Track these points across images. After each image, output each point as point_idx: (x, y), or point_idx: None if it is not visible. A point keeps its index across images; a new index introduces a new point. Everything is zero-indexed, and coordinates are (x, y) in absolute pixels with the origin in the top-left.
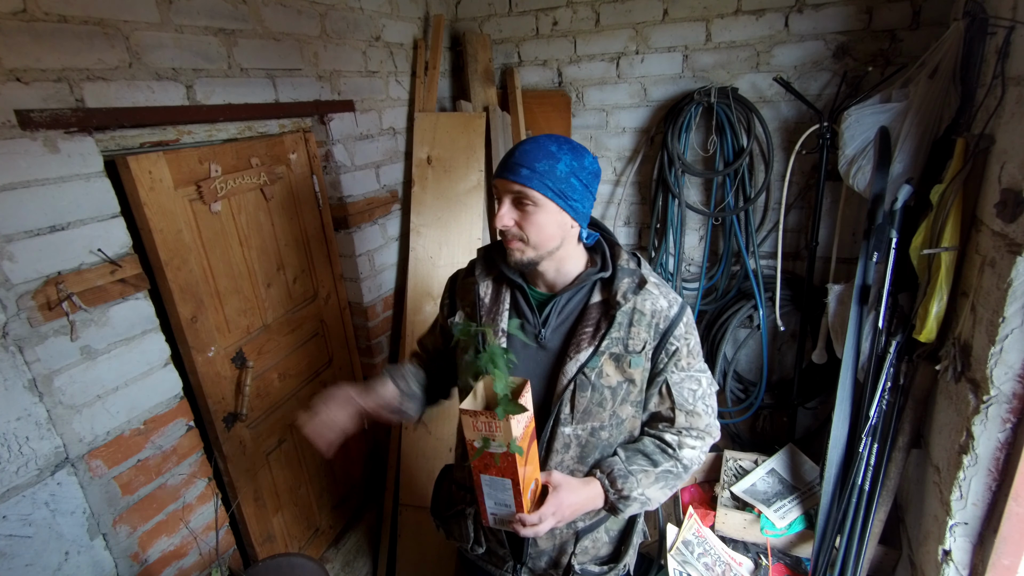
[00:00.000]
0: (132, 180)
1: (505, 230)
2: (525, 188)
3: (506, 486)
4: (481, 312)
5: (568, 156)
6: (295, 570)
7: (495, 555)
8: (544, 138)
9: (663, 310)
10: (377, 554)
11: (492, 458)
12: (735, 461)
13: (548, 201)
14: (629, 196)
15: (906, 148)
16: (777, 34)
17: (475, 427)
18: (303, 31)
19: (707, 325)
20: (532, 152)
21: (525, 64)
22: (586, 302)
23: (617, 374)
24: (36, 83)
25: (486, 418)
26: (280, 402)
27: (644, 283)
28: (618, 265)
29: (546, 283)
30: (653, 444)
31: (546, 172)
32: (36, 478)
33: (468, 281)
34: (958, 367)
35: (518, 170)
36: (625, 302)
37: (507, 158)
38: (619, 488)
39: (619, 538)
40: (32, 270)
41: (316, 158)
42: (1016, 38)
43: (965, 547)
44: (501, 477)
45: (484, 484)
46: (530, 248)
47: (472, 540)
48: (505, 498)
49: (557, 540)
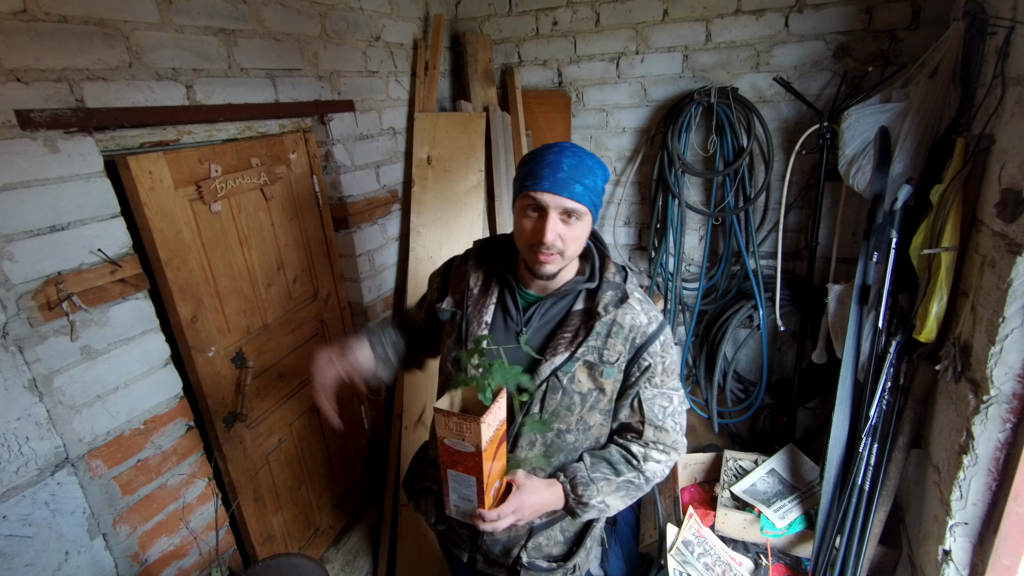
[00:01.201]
0: (132, 180)
1: (553, 244)
2: (580, 205)
3: (471, 483)
4: (468, 302)
5: (600, 170)
6: (295, 570)
7: (455, 533)
8: (578, 150)
9: (641, 326)
10: (377, 554)
11: (460, 456)
12: (735, 461)
13: (589, 215)
14: (629, 196)
15: (906, 148)
16: (777, 34)
17: (447, 426)
18: (303, 31)
19: (707, 325)
20: (579, 168)
21: (525, 64)
22: (569, 308)
23: (589, 381)
24: (36, 83)
25: (459, 420)
26: (280, 402)
27: (626, 298)
28: (604, 277)
29: (540, 285)
30: (619, 454)
31: (592, 188)
32: (36, 478)
33: (462, 269)
34: (958, 367)
35: (572, 187)
36: (606, 313)
37: (550, 171)
38: (579, 494)
39: (573, 539)
40: (32, 270)
41: (316, 158)
42: (1016, 38)
43: (965, 547)
44: (467, 474)
45: (450, 479)
46: (564, 260)
47: (436, 518)
48: (469, 493)
49: (512, 532)
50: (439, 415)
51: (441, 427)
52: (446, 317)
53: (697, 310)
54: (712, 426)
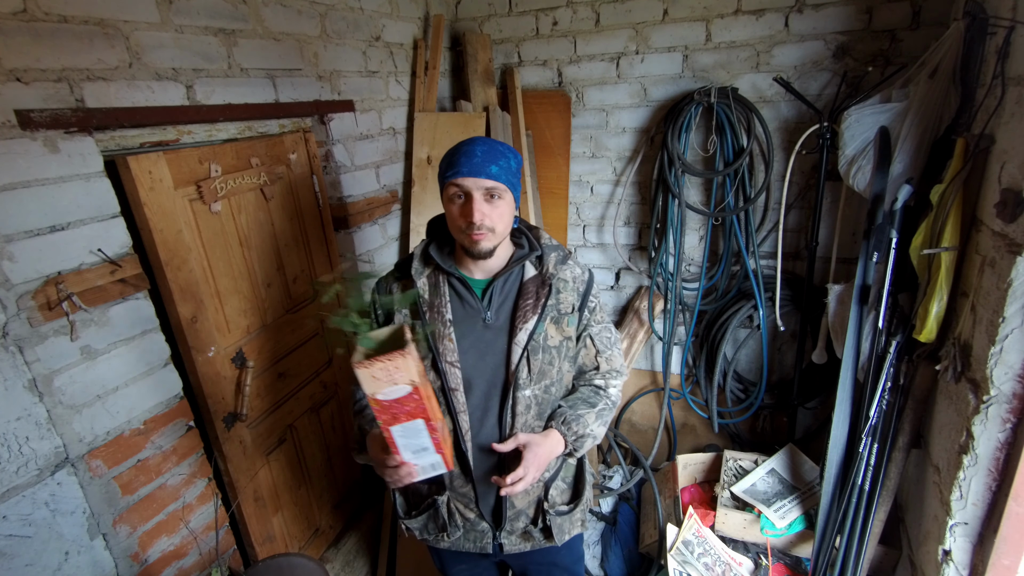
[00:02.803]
0: (132, 180)
1: (481, 223)
2: (498, 184)
3: (419, 428)
4: (423, 307)
5: (511, 153)
6: (295, 570)
7: (473, 531)
8: (487, 139)
9: (579, 276)
10: (377, 554)
11: (398, 405)
12: (735, 461)
13: (509, 193)
14: (629, 196)
15: (906, 148)
16: (777, 34)
17: (374, 378)
18: (303, 31)
19: (707, 325)
20: (491, 152)
21: (525, 64)
22: (521, 279)
23: (558, 334)
24: (36, 83)
25: (384, 362)
26: (280, 402)
27: (568, 256)
28: (543, 243)
29: (484, 269)
30: (587, 390)
31: (506, 168)
32: (36, 478)
33: (403, 284)
34: (958, 367)
35: (489, 168)
36: (557, 272)
37: (466, 158)
38: (575, 430)
39: (574, 483)
40: (32, 270)
41: (316, 158)
42: (1016, 38)
43: (965, 547)
44: (412, 420)
45: (398, 437)
46: (496, 236)
47: (449, 524)
48: (422, 441)
49: (532, 495)
50: (361, 370)
51: (368, 383)
52: None
53: (697, 310)
54: (712, 426)
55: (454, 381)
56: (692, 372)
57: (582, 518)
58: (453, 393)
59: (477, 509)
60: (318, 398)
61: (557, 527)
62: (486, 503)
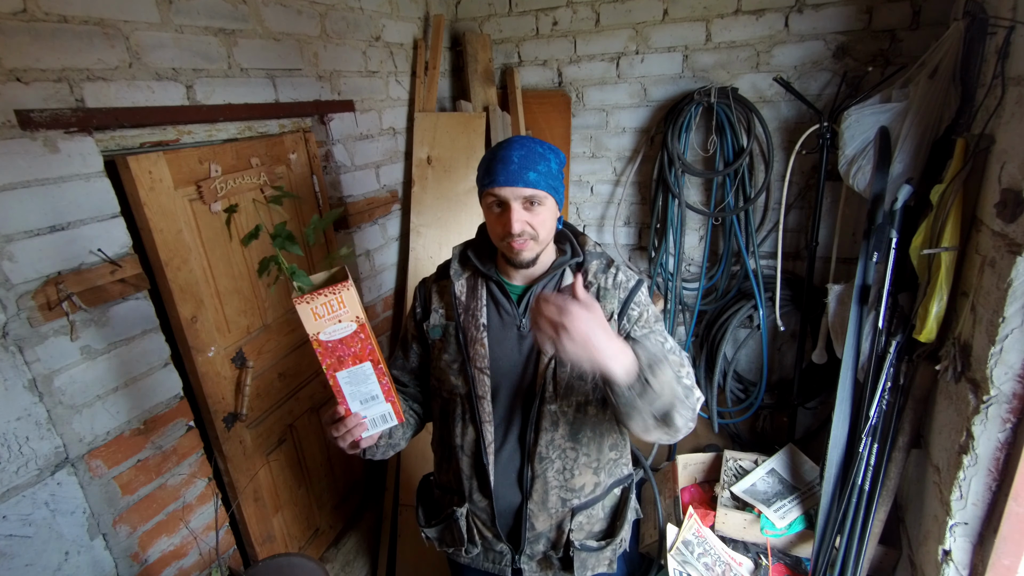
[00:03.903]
0: (132, 180)
1: (522, 231)
2: (537, 191)
3: (367, 372)
4: (459, 310)
5: (552, 154)
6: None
7: (491, 551)
8: (526, 141)
9: (623, 282)
10: (377, 554)
11: (343, 346)
12: (735, 461)
13: (550, 198)
14: (629, 196)
15: (906, 148)
16: (777, 34)
17: (316, 315)
18: (303, 31)
19: (707, 325)
20: (529, 156)
21: (525, 64)
22: (559, 286)
23: None
24: (36, 83)
25: (326, 296)
26: (280, 402)
27: (612, 263)
28: (587, 250)
29: (524, 275)
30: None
31: (547, 173)
32: (36, 478)
33: (442, 283)
34: (958, 367)
35: (527, 175)
36: (596, 281)
37: (504, 165)
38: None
39: (613, 514)
40: (32, 270)
41: (316, 158)
42: (1016, 38)
43: (965, 547)
44: (359, 364)
45: (344, 383)
46: (538, 244)
47: (467, 540)
48: (370, 388)
49: (554, 518)
50: (302, 305)
51: (310, 321)
52: (437, 335)
53: (697, 310)
54: (712, 426)
55: (482, 389)
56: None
57: (612, 558)
58: (480, 401)
59: (495, 528)
60: (318, 398)
61: (580, 562)
62: (504, 522)
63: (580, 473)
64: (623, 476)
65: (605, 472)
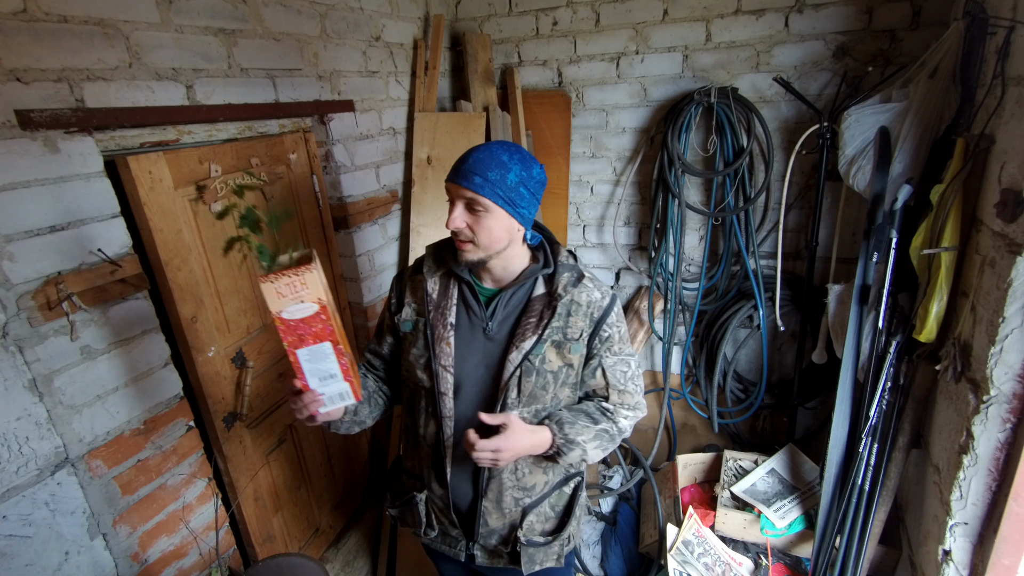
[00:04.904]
0: (132, 180)
1: (457, 232)
2: (478, 196)
3: (326, 351)
4: (429, 307)
5: (518, 166)
6: (295, 570)
7: (448, 536)
8: (497, 146)
9: (597, 300)
10: (377, 554)
11: (304, 325)
12: (735, 461)
13: (498, 208)
14: (629, 196)
15: (906, 148)
16: (777, 34)
17: (279, 294)
18: (303, 31)
19: (707, 325)
20: (485, 161)
21: (525, 64)
22: (529, 295)
23: (558, 359)
24: (36, 83)
25: (290, 276)
26: (280, 402)
27: (582, 277)
28: (559, 261)
29: (493, 279)
30: (594, 407)
31: (497, 181)
32: (36, 478)
33: (416, 279)
34: (958, 367)
35: (472, 178)
36: (565, 294)
37: (460, 164)
38: (566, 432)
39: (562, 512)
40: (32, 270)
41: (316, 158)
42: (1016, 38)
43: (965, 547)
44: (319, 343)
45: (303, 361)
46: (480, 249)
47: (424, 524)
48: (329, 367)
49: (507, 518)
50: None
51: (273, 300)
52: (408, 328)
53: (697, 310)
54: (712, 426)
55: (444, 385)
56: (692, 372)
57: (560, 552)
58: (442, 397)
59: (450, 516)
60: None
61: (527, 556)
62: (459, 512)
63: (531, 472)
64: (572, 472)
65: (553, 471)
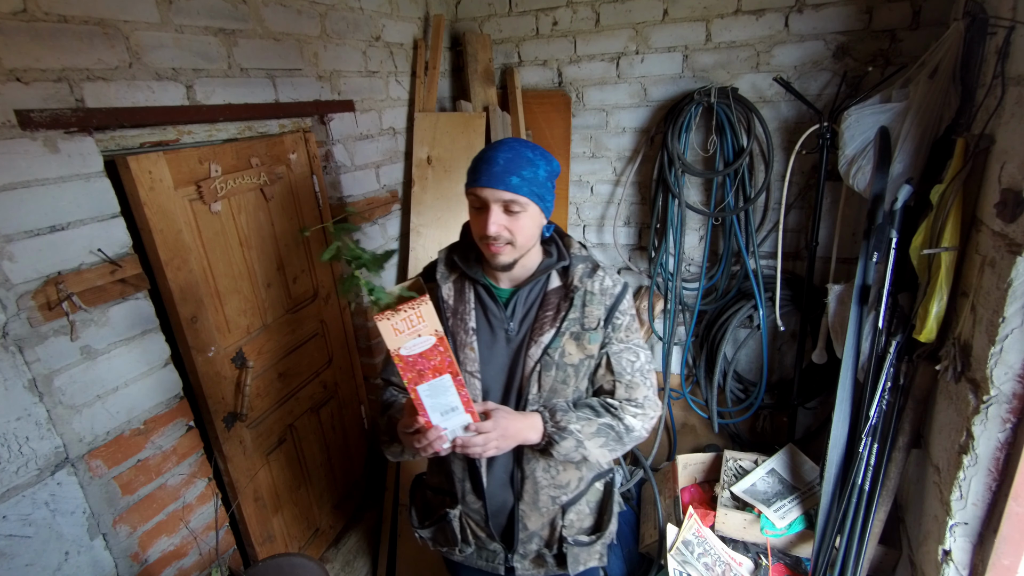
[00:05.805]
0: (132, 180)
1: (498, 235)
2: (517, 196)
3: (446, 384)
4: (447, 313)
5: (542, 161)
6: (295, 570)
7: (485, 550)
8: (516, 144)
9: (609, 288)
10: (377, 554)
11: (423, 360)
12: (735, 461)
13: (533, 205)
14: (629, 196)
15: (906, 148)
16: (777, 34)
17: (396, 330)
18: (303, 31)
19: (707, 325)
20: (515, 160)
21: (525, 64)
22: (544, 289)
23: (579, 352)
24: (36, 83)
25: (406, 311)
26: (280, 402)
27: (597, 267)
28: (572, 253)
29: (511, 278)
30: (598, 401)
31: (531, 179)
32: (36, 478)
33: (429, 286)
34: (958, 367)
35: (508, 179)
36: (581, 285)
37: (487, 167)
38: (557, 420)
39: (599, 508)
40: (32, 270)
41: (316, 158)
42: (1016, 38)
43: (965, 547)
44: (439, 377)
45: (424, 396)
46: (516, 250)
47: (460, 540)
48: (450, 400)
49: (545, 517)
50: (382, 322)
51: (390, 337)
52: None
53: (697, 310)
54: (712, 426)
55: (473, 392)
56: (692, 372)
57: (602, 552)
58: None
59: (488, 528)
60: (318, 398)
61: (573, 556)
62: (497, 522)
63: (564, 469)
64: (603, 470)
65: (586, 466)
